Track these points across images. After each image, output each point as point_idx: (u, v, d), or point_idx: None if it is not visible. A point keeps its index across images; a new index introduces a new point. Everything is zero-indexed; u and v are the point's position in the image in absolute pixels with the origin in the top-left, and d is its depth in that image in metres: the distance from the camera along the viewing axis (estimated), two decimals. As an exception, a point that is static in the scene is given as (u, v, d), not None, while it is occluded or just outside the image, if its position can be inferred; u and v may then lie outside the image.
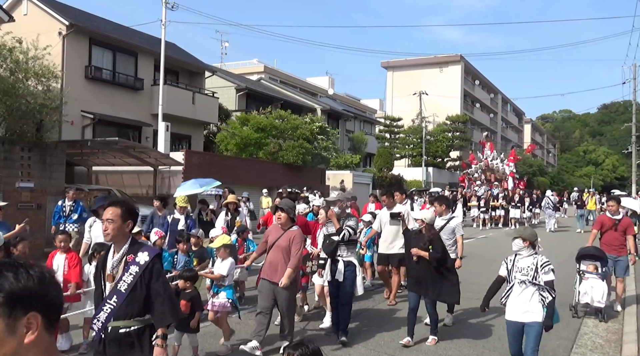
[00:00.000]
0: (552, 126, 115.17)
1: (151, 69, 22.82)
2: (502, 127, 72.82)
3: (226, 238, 6.59)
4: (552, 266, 5.02)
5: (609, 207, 8.40)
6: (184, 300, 5.48)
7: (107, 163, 18.91)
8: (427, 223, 6.51)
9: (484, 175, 28.99)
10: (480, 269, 12.25)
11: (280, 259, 5.79)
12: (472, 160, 30.29)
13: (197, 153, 21.12)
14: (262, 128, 23.72)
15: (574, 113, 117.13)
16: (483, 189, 26.94)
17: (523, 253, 5.07)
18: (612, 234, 8.16)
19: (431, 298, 6.39)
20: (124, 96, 21.62)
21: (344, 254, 6.42)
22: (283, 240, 5.83)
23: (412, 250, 6.33)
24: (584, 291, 7.62)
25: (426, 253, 6.26)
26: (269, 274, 5.84)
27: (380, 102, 63.99)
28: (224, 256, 6.34)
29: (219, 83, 28.89)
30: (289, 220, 5.93)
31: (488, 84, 67.28)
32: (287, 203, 6.05)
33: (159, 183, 18.55)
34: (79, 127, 19.75)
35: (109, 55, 21.23)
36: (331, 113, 37.08)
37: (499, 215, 24.69)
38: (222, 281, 6.21)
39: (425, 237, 6.40)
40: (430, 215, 6.70)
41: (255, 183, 20.73)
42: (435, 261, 6.25)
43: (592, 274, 7.72)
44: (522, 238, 5.08)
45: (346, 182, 27.86)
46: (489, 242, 18.74)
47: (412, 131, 44.31)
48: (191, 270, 6.07)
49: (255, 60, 47.87)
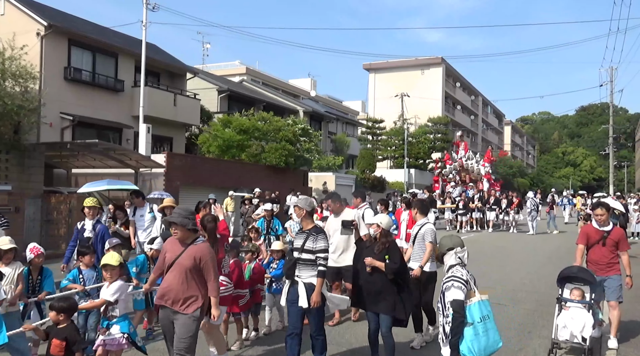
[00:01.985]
0: (532, 128, 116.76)
1: (132, 70, 22.58)
2: (482, 128, 73.62)
3: (113, 258, 5.15)
4: (455, 282, 4.20)
5: (597, 216, 6.48)
6: (57, 338, 4.35)
7: (87, 166, 18.65)
8: (382, 229, 5.62)
9: (459, 175, 28.11)
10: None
11: (179, 282, 4.60)
12: (447, 160, 29.11)
13: (178, 155, 20.94)
14: (245, 130, 23.62)
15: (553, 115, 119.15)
16: (458, 190, 26.18)
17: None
18: (599, 250, 6.41)
19: (370, 309, 5.57)
20: (104, 98, 21.36)
21: (303, 275, 5.36)
22: (185, 257, 4.63)
23: (365, 260, 5.48)
24: (563, 324, 5.91)
25: (382, 264, 5.41)
26: (170, 301, 4.65)
27: (363, 103, 64.20)
28: (112, 278, 5.04)
29: (200, 84, 28.72)
30: (188, 233, 4.69)
31: (469, 86, 67.97)
32: (181, 214, 4.70)
33: (140, 185, 18.31)
34: (58, 129, 19.45)
35: (88, 57, 20.95)
36: (313, 115, 37.10)
37: (475, 218, 24.03)
38: (112, 311, 4.94)
39: (380, 245, 5.55)
40: (386, 219, 5.78)
41: (237, 185, 20.61)
42: (392, 273, 5.38)
43: (574, 302, 5.99)
44: None
45: (329, 184, 27.88)
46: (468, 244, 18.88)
47: (394, 133, 44.52)
48: (67, 298, 4.90)
49: (237, 62, 47.71)
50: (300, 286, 5.30)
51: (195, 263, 4.62)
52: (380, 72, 59.26)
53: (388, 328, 5.46)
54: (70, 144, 16.45)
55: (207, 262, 4.65)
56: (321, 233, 5.43)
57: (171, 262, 4.69)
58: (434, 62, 57.71)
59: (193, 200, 18.08)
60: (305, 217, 5.52)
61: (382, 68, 59.01)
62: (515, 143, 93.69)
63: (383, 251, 5.48)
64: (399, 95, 46.48)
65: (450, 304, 4.09)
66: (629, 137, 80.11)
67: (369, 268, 5.47)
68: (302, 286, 5.28)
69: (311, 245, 5.31)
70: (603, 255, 6.37)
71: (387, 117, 46.74)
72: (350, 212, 7.48)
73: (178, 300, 4.59)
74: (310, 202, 5.62)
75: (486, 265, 13.16)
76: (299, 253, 5.35)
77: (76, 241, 7.71)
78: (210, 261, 4.68)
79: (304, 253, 5.32)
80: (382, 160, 44.69)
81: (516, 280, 11.03)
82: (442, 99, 56.75)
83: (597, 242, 6.42)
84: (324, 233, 5.47)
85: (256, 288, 6.85)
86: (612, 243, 6.37)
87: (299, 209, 5.54)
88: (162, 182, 18.00)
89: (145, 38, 20.10)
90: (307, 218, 5.53)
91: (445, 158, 29.60)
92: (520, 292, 9.82)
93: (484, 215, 23.71)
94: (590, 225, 6.62)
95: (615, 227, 6.54)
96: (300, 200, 5.64)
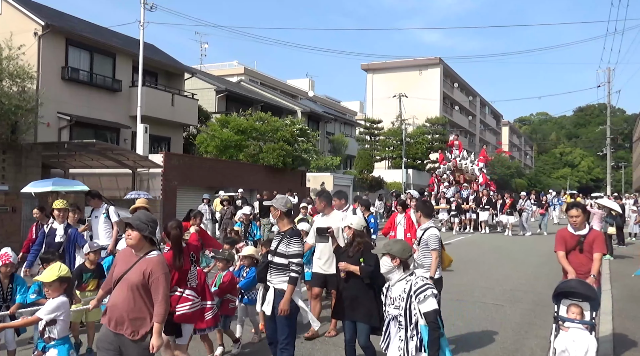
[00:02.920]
0: (530, 128, 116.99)
1: (129, 70, 22.58)
2: (480, 129, 73.72)
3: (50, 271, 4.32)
4: (433, 290, 3.70)
5: (571, 218, 5.80)
6: None
7: (85, 166, 18.64)
8: (354, 230, 5.31)
9: (453, 175, 27.48)
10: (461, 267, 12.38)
11: (125, 300, 3.85)
12: (442, 161, 28.41)
13: (176, 155, 20.94)
14: (242, 131, 23.63)
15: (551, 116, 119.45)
16: (452, 191, 25.65)
17: (394, 277, 3.82)
18: (576, 257, 5.72)
19: (346, 318, 5.14)
20: (102, 97, 21.35)
21: (274, 280, 4.97)
22: (133, 272, 3.89)
23: (339, 265, 5.17)
24: (562, 347, 5.02)
25: (356, 267, 5.06)
26: (113, 322, 3.88)
27: (361, 104, 64.25)
28: (51, 294, 4.28)
29: (198, 85, 28.71)
30: (142, 242, 3.96)
31: (467, 87, 68.05)
32: (140, 218, 4.02)
33: (137, 185, 18.33)
34: (55, 129, 19.44)
35: (86, 56, 20.94)
36: (311, 115, 37.11)
37: (469, 218, 23.34)
38: (49, 333, 4.20)
39: (354, 247, 5.22)
40: (356, 219, 5.43)
41: (235, 185, 20.62)
42: (367, 276, 5.01)
43: (574, 322, 5.09)
44: (390, 254, 3.79)
45: (327, 184, 27.90)
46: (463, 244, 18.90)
47: (392, 133, 44.56)
48: None
49: (235, 62, 47.70)
50: (270, 291, 4.96)
51: (144, 279, 3.85)
52: (378, 72, 59.30)
53: (366, 338, 5.02)
54: (67, 144, 16.45)
55: (157, 278, 3.85)
56: (296, 236, 4.98)
57: (119, 276, 3.95)
58: (432, 63, 57.77)
59: (190, 200, 18.15)
60: (281, 217, 5.10)
61: (380, 68, 59.06)
62: (513, 144, 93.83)
63: (357, 254, 5.15)
64: (397, 96, 46.51)
65: (428, 315, 3.61)
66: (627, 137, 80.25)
67: (343, 274, 5.15)
68: (272, 292, 4.93)
69: (284, 249, 4.93)
70: (581, 262, 5.66)
71: (385, 117, 46.79)
72: (338, 214, 6.84)
73: (122, 321, 3.84)
74: (287, 201, 5.16)
75: (485, 265, 13.19)
76: (272, 256, 5.00)
77: (41, 245, 7.21)
78: (163, 278, 3.87)
79: (276, 257, 4.94)
80: (380, 161, 44.72)
81: (514, 279, 11.05)
82: (440, 100, 56.80)
83: (574, 248, 5.74)
84: (299, 237, 5.02)
85: (224, 299, 6.06)
86: (589, 248, 5.67)
87: (274, 209, 5.10)
88: (160, 182, 18.00)
89: (143, 38, 20.12)
90: (282, 219, 5.11)
91: (440, 158, 29.03)
92: (517, 292, 9.84)
93: (478, 216, 22.92)
94: (565, 229, 5.91)
95: (592, 230, 5.86)
96: (275, 200, 5.17)
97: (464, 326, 7.33)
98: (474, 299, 9.08)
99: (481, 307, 8.50)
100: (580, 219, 5.74)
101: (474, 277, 11.31)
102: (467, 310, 8.26)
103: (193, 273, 5.31)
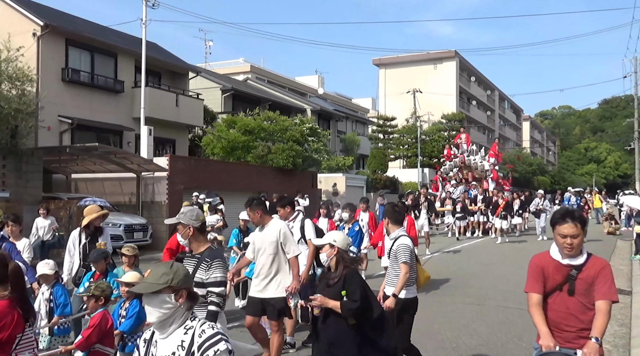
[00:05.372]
0: (552, 123, 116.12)
1: (132, 70, 22.71)
2: (499, 125, 73.28)
3: None
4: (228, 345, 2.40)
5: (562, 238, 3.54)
6: None
7: (87, 171, 18.79)
8: (338, 250, 4.11)
9: (460, 173, 25.49)
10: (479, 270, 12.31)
11: None
12: (448, 157, 26.20)
13: (181, 158, 21.03)
14: (250, 131, 23.67)
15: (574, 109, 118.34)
16: (459, 190, 23.68)
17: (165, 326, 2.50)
18: (562, 302, 3.56)
19: None
20: (104, 99, 21.50)
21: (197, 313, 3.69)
22: None
23: (314, 300, 3.96)
24: None
25: (336, 303, 3.92)
26: None
27: (373, 101, 64.15)
28: None
29: (203, 84, 28.83)
30: None
31: (484, 81, 67.71)
32: None
33: (142, 190, 18.44)
34: (57, 133, 19.60)
35: (86, 57, 21.11)
36: (322, 113, 37.11)
37: (477, 221, 21.47)
38: None
39: (335, 275, 4.07)
40: (341, 236, 4.25)
41: (244, 188, 20.66)
42: (351, 316, 3.91)
43: None
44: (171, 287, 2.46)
45: (339, 185, 27.89)
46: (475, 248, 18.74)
47: (407, 131, 44.43)
48: None
49: (241, 60, 47.85)
50: None
51: None
52: (390, 67, 59.19)
53: None
54: (69, 148, 16.60)
55: None
56: (217, 259, 4.12)
57: None
58: (447, 56, 57.57)
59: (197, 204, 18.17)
60: (194, 236, 4.22)
61: (393, 63, 58.94)
62: (535, 140, 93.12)
63: (339, 283, 4.00)
64: (410, 91, 46.39)
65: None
66: (656, 130, 79.34)
67: (317, 310, 4.02)
68: None
69: (202, 276, 4.10)
70: (570, 313, 3.50)
71: (398, 114, 46.67)
72: (277, 224, 5.73)
73: None
74: (197, 214, 4.28)
75: (504, 267, 13.09)
76: None
77: None
78: None
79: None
80: (394, 160, 44.62)
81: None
82: (456, 95, 56.59)
83: (559, 287, 3.55)
84: (221, 259, 4.18)
85: (92, 351, 4.31)
86: (586, 289, 3.46)
87: (182, 227, 4.21)
88: (165, 186, 18.09)
89: (145, 36, 20.24)
90: (196, 238, 4.23)
91: (446, 153, 26.83)
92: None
93: (487, 219, 20.68)
94: (546, 254, 3.67)
95: (593, 258, 3.54)
96: (182, 214, 4.25)
97: (486, 331, 7.28)
98: (495, 303, 9.01)
99: (503, 311, 8.44)
100: (578, 241, 3.47)
101: (493, 281, 11.23)
102: (489, 315, 8.20)
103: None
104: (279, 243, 5.56)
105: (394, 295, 4.94)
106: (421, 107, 46.65)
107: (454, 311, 8.39)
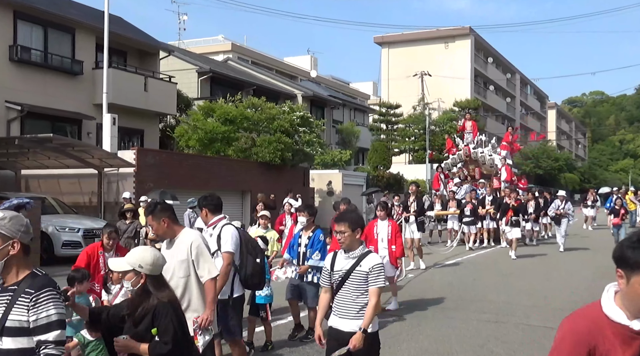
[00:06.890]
0: (582, 111, 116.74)
1: (92, 49, 22.63)
2: (521, 113, 73.56)
3: None
4: None
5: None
6: None
7: (40, 166, 18.70)
8: (145, 277, 3.62)
9: (465, 169, 24.45)
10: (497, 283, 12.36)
11: None
12: (451, 149, 25.26)
13: (151, 151, 20.98)
14: (231, 120, 23.65)
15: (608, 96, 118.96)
16: (464, 190, 22.80)
17: None
18: None
19: None
20: (59, 82, 21.41)
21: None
22: None
23: (116, 343, 3.56)
24: None
25: (144, 346, 3.50)
26: None
27: (374, 85, 64.25)
28: None
29: (176, 65, 28.76)
30: None
31: (503, 62, 67.93)
32: None
33: (105, 189, 18.39)
34: (4, 121, 19.53)
35: (39, 33, 21.01)
36: (315, 100, 37.14)
37: (486, 228, 20.55)
38: None
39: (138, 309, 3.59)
40: (150, 258, 3.65)
41: (223, 186, 20.64)
42: None
43: None
44: None
45: (334, 184, 27.88)
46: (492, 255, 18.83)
47: (413, 120, 44.53)
48: None
49: (220, 37, 47.80)
50: None
51: None
52: (395, 46, 59.27)
53: None
54: (18, 140, 16.50)
55: None
56: (47, 288, 2.93)
57: None
58: (461, 33, 57.69)
59: (169, 205, 18.13)
60: (17, 256, 2.98)
61: (398, 41, 59.03)
62: (562, 131, 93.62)
63: (145, 320, 3.53)
64: (418, 74, 46.48)
65: None
66: (701, 120, 79.97)
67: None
68: None
69: (22, 319, 2.88)
70: None
71: (404, 101, 46.70)
72: (188, 236, 5.06)
73: None
74: (26, 223, 3.05)
75: (526, 279, 13.15)
76: None
77: None
78: None
79: (6, 337, 2.89)
80: (398, 154, 44.73)
81: (565, 297, 11.00)
82: (471, 78, 56.72)
83: None
84: (53, 290, 2.95)
85: None
86: None
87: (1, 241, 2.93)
88: (132, 184, 18.04)
89: (108, 9, 20.11)
90: (15, 263, 2.98)
91: (448, 146, 25.86)
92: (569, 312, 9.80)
93: (498, 224, 19.60)
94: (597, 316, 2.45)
95: None
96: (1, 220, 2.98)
97: (504, 353, 7.30)
98: (516, 320, 9.03)
99: (525, 330, 8.46)
100: None
101: (514, 294, 11.27)
102: (508, 334, 8.22)
103: None
104: (190, 261, 4.90)
105: (363, 331, 4.29)
106: (430, 92, 46.75)
107: (467, 330, 8.40)
